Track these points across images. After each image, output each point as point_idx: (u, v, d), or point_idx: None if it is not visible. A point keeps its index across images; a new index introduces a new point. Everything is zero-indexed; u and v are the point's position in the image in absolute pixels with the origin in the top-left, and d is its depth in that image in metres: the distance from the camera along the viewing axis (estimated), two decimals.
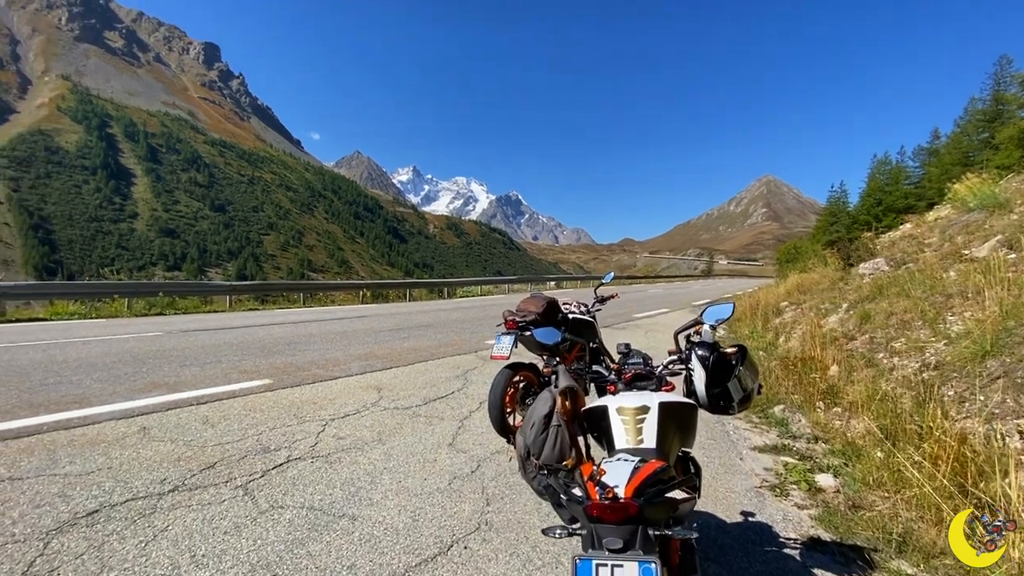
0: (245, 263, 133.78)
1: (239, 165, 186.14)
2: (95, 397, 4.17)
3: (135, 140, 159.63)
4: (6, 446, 3.14)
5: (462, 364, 6.31)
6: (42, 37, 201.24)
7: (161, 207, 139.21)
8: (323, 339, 7.73)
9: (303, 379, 5.20)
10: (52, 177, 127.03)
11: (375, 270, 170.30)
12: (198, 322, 9.27)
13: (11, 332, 7.57)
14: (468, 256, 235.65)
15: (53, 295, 9.54)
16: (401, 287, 19.44)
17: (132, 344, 6.49)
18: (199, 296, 11.82)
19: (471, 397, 4.84)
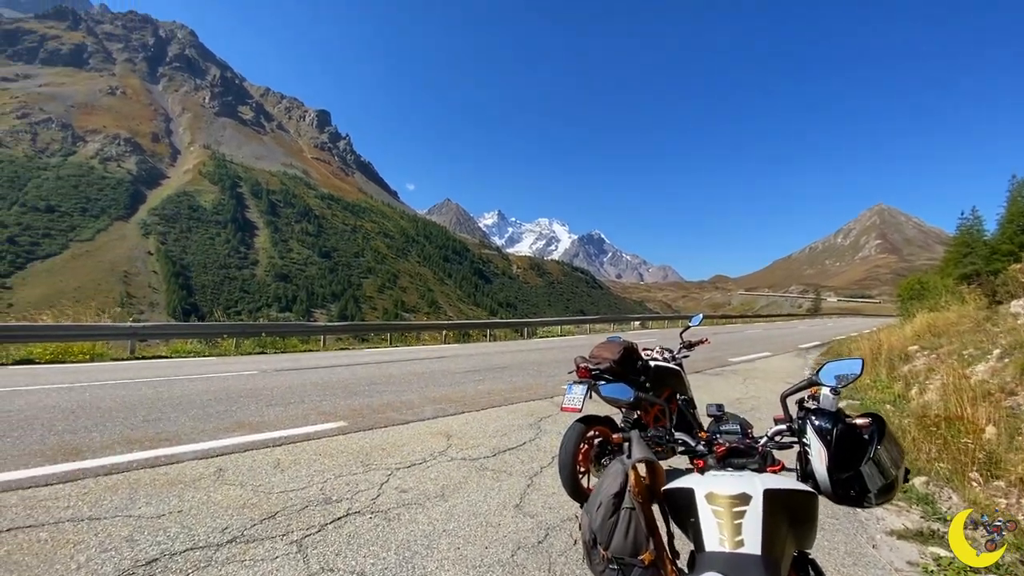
0: (346, 304, 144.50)
1: (343, 216, 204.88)
2: (185, 435, 4.39)
3: (259, 197, 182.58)
4: (96, 483, 3.31)
5: (536, 411, 5.97)
6: (189, 114, 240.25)
7: (277, 255, 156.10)
8: (402, 380, 7.78)
9: (376, 423, 5.15)
10: (192, 231, 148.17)
11: (461, 309, 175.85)
12: (292, 361, 9.84)
13: (135, 369, 8.48)
14: (551, 295, 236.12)
15: (174, 335, 10.71)
16: (483, 327, 19.61)
17: (230, 382, 6.94)
18: (298, 336, 12.70)
19: (543, 450, 4.47)
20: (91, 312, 10.41)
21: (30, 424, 4.52)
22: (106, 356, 9.66)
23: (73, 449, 3.91)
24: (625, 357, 3.48)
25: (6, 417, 4.75)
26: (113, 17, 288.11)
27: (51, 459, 3.69)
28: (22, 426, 4.45)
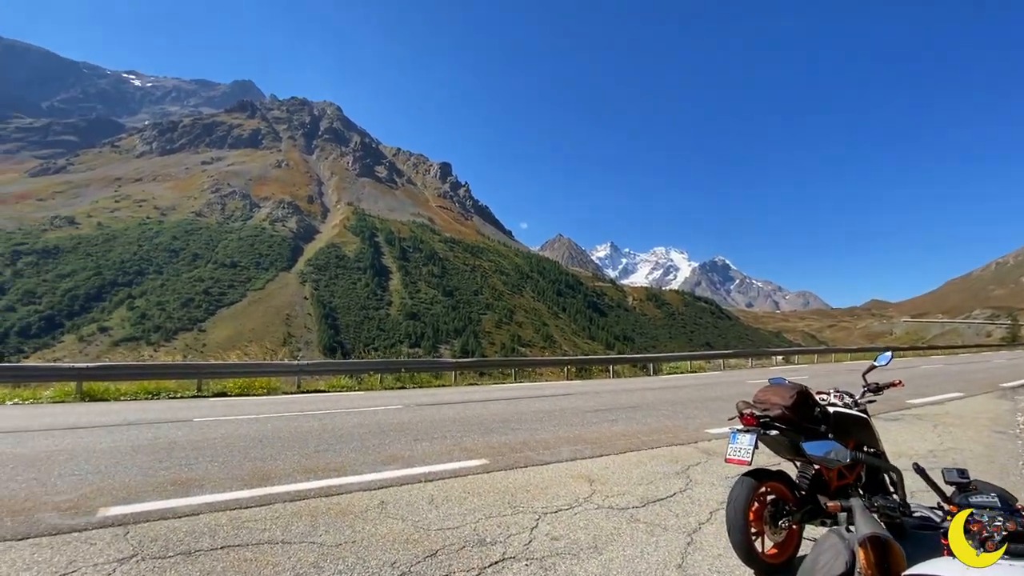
0: (467, 340, 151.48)
1: (464, 257, 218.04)
2: (349, 467, 4.79)
3: (392, 244, 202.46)
4: (284, 508, 3.72)
5: (681, 457, 5.52)
6: (336, 177, 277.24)
7: (407, 295, 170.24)
8: (533, 418, 7.78)
9: (516, 462, 5.16)
10: (339, 277, 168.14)
11: (576, 343, 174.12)
12: (429, 396, 10.43)
13: (301, 402, 9.62)
14: (671, 328, 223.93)
15: (329, 371, 12.05)
16: (604, 363, 19.11)
17: (380, 417, 7.53)
18: (431, 372, 13.52)
19: (698, 503, 4.07)
20: (264, 351, 12.20)
21: (230, 451, 5.30)
22: (279, 390, 11.15)
23: (264, 475, 4.47)
24: (800, 403, 3.07)
25: (212, 444, 5.63)
26: (280, 104, 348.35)
27: (248, 483, 4.25)
28: (225, 452, 5.23)
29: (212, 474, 4.46)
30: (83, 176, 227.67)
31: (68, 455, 5.01)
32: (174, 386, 10.19)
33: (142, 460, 4.86)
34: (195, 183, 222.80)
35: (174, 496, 3.88)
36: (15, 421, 6.98)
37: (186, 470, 4.55)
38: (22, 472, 4.40)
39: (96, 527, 3.28)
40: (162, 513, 3.53)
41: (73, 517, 3.42)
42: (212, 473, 4.48)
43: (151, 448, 5.35)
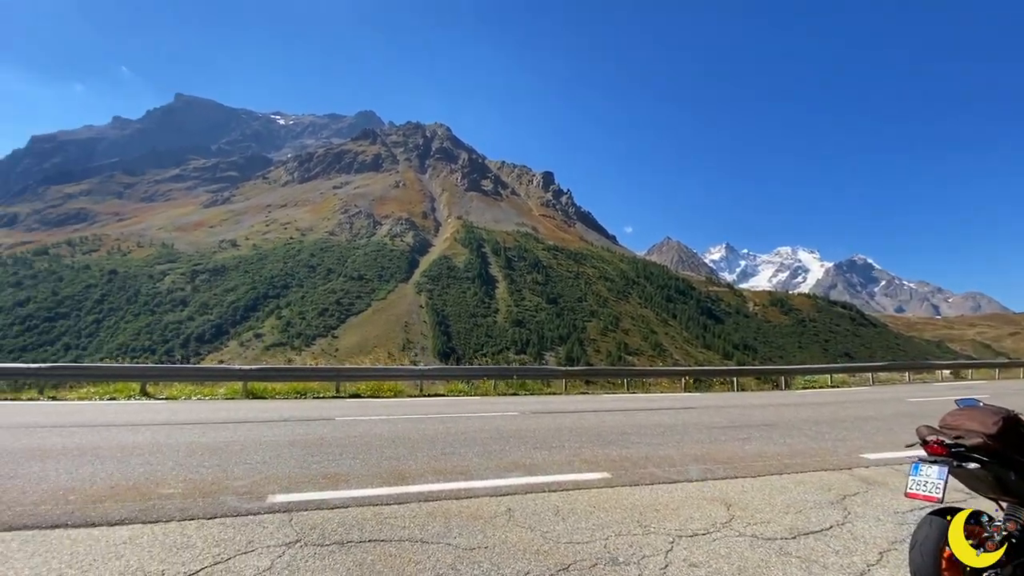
0: (572, 347, 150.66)
1: (567, 264, 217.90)
2: (475, 471, 4.94)
3: (498, 254, 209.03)
4: (419, 508, 3.92)
5: (833, 484, 4.87)
6: (447, 193, 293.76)
7: (513, 303, 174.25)
8: (653, 431, 7.43)
9: (640, 478, 4.94)
10: (450, 287, 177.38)
11: (689, 352, 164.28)
12: (542, 404, 10.47)
13: (425, 405, 10.21)
14: (801, 336, 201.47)
15: (448, 377, 12.68)
16: (727, 375, 17.72)
17: (498, 423, 7.71)
18: (541, 379, 13.60)
19: (862, 540, 3.54)
20: (387, 356, 13.23)
21: (368, 449, 5.76)
22: (404, 393, 11.99)
23: (399, 474, 4.78)
24: (1007, 430, 2.52)
25: (352, 441, 6.16)
26: (396, 129, 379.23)
27: (387, 481, 4.56)
28: (364, 450, 5.70)
29: (355, 470, 4.86)
30: (242, 205, 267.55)
31: (241, 446, 5.81)
32: (317, 387, 11.45)
33: (297, 453, 5.47)
34: (328, 206, 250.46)
35: (326, 489, 4.29)
36: (199, 414, 8.30)
37: (333, 465, 5.02)
38: (208, 459, 5.19)
39: (266, 512, 3.73)
40: (318, 504, 3.92)
41: (248, 501, 3.93)
42: (355, 469, 4.90)
43: (304, 443, 6.00)
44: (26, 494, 3.92)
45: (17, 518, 3.44)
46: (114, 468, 4.73)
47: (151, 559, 2.93)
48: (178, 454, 5.34)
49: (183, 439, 6.10)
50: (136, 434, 6.38)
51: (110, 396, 10.42)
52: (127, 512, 3.62)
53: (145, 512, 3.64)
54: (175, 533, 3.30)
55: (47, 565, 2.81)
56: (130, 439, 6.05)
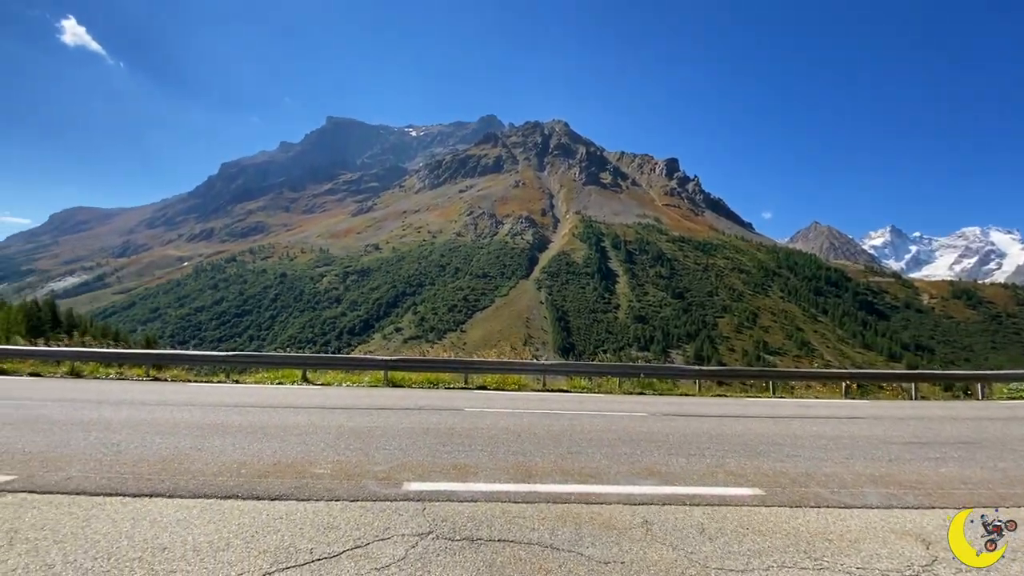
0: (701, 345, 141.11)
1: (695, 256, 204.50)
2: (604, 474, 4.62)
3: (618, 248, 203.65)
4: (548, 509, 3.72)
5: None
6: (565, 189, 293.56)
7: (635, 298, 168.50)
8: (812, 443, 6.39)
9: (802, 498, 4.19)
10: (569, 283, 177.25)
11: (844, 353, 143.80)
12: (674, 405, 9.73)
13: (549, 400, 10.09)
14: (995, 334, 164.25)
15: (571, 372, 12.45)
16: (900, 379, 14.90)
17: (626, 423, 7.27)
18: (671, 379, 12.70)
19: None
20: (508, 350, 13.48)
21: (495, 442, 5.75)
22: (527, 387, 12.03)
23: (526, 470, 4.65)
24: None
25: (480, 433, 6.22)
26: (516, 130, 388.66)
27: (514, 477, 4.46)
28: (491, 443, 5.70)
29: (483, 463, 4.85)
30: (383, 212, 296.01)
31: (381, 431, 6.19)
32: (448, 378, 12.01)
33: (430, 442, 5.65)
34: (455, 209, 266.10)
35: (455, 480, 4.31)
36: (347, 399, 9.14)
37: (463, 456, 5.08)
38: (353, 442, 5.58)
39: (402, 499, 3.83)
40: (448, 495, 3.94)
41: (386, 487, 4.08)
42: (483, 462, 4.88)
43: (435, 432, 6.20)
44: (209, 465, 4.53)
45: (200, 487, 3.96)
46: (277, 446, 5.31)
47: (302, 536, 3.13)
48: (328, 436, 5.84)
49: (333, 422, 6.70)
50: (296, 415, 7.17)
51: (279, 381, 12.03)
52: (285, 488, 3.98)
53: (299, 490, 3.96)
54: (323, 513, 3.52)
55: (219, 533, 3.14)
56: (291, 420, 6.80)
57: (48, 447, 5.00)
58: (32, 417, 6.50)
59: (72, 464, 4.44)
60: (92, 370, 12.94)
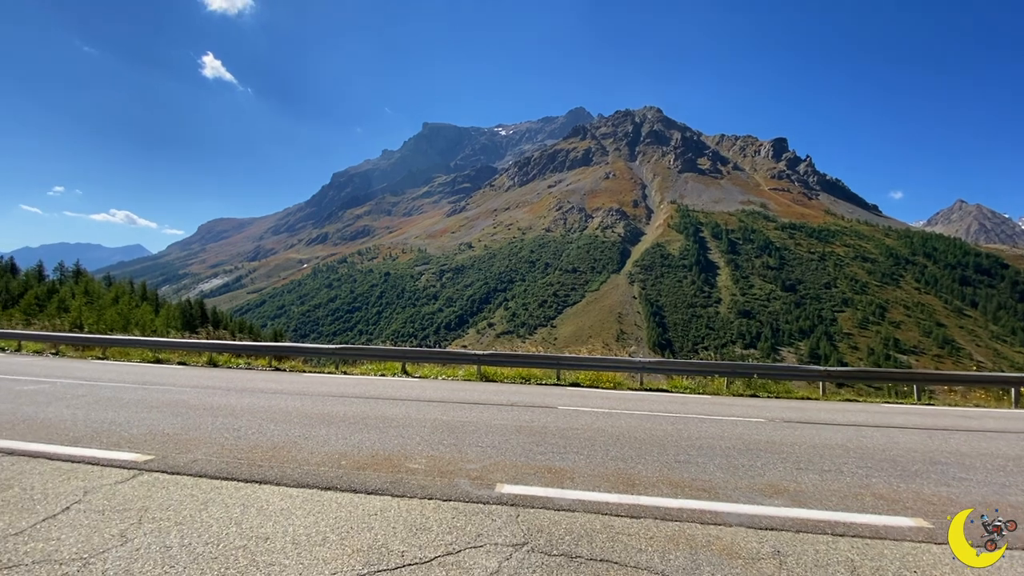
0: (817, 342, 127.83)
1: (808, 244, 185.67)
2: (720, 489, 4.05)
3: (719, 238, 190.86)
4: (656, 527, 3.29)
5: None
6: (659, 178, 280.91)
7: (739, 292, 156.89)
8: (985, 464, 5.21)
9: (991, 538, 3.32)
10: (664, 276, 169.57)
11: (1001, 352, 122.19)
12: (795, 411, 8.62)
13: (648, 400, 9.43)
14: None
15: (672, 371, 11.59)
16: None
17: (740, 429, 6.49)
18: (789, 380, 11.35)
19: None
20: (600, 346, 12.89)
21: (592, 445, 5.37)
22: (624, 385, 11.42)
23: (628, 479, 4.23)
24: None
25: (575, 434, 5.87)
26: (605, 120, 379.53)
27: (614, 485, 4.06)
28: (588, 446, 5.33)
29: (579, 468, 4.51)
30: (475, 212, 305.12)
31: (474, 427, 6.09)
32: (540, 374, 11.79)
33: (523, 441, 5.42)
34: (544, 205, 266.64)
35: (551, 485, 4.02)
36: (442, 393, 9.25)
37: (558, 459, 4.77)
38: (446, 437, 5.52)
39: (495, 502, 3.62)
40: (543, 502, 3.65)
41: (479, 488, 3.90)
42: (579, 467, 4.54)
43: (528, 430, 5.97)
44: (313, 455, 4.68)
45: (304, 476, 4.06)
46: (376, 438, 5.39)
47: (394, 537, 3.02)
48: (424, 429, 5.85)
49: (429, 415, 6.74)
50: (395, 407, 7.34)
51: (381, 373, 12.63)
52: (380, 482, 3.95)
53: (394, 484, 3.92)
54: (416, 512, 3.41)
55: (316, 526, 3.14)
56: (390, 412, 6.97)
57: (182, 429, 5.51)
58: (173, 401, 7.31)
59: (199, 447, 4.82)
60: (226, 360, 14.55)
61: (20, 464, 4.16)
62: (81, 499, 3.46)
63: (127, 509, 3.31)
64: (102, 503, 3.39)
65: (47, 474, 3.94)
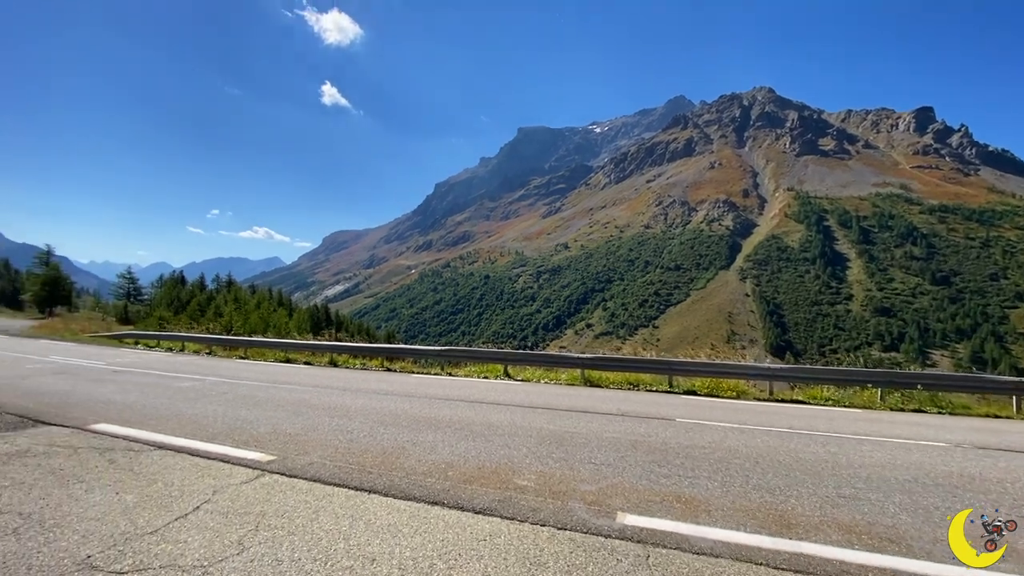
0: (982, 344, 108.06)
1: (965, 228, 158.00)
2: (912, 541, 3.14)
3: (848, 227, 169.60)
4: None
5: None
6: (772, 164, 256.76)
7: (875, 286, 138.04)
8: None
9: None
10: (782, 271, 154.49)
11: None
12: (985, 433, 6.95)
13: (784, 413, 8.22)
14: None
15: (808, 379, 10.08)
16: None
17: (918, 456, 5.27)
18: (968, 391, 9.28)
19: None
20: (708, 348, 11.62)
21: (726, 468, 4.62)
22: (748, 395, 10.17)
23: (780, 517, 3.48)
24: None
25: (703, 454, 5.14)
26: (708, 107, 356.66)
27: (763, 524, 3.35)
28: (720, 469, 4.59)
29: (715, 497, 3.83)
30: (570, 212, 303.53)
31: (584, 439, 5.61)
32: (649, 380, 10.93)
33: (642, 459, 4.83)
34: (642, 200, 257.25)
35: (682, 518, 3.42)
36: (547, 398, 8.89)
37: (687, 484, 4.13)
38: (555, 450, 5.11)
39: (617, 536, 3.12)
40: (677, 540, 3.08)
41: (597, 516, 3.42)
42: (714, 495, 3.87)
43: (647, 446, 5.35)
44: (420, 463, 4.52)
45: (411, 487, 3.88)
46: (482, 447, 5.15)
47: (506, 570, 2.67)
48: (530, 439, 5.51)
49: (534, 423, 6.40)
50: (499, 413, 7.11)
51: (484, 375, 12.63)
52: (488, 500, 3.64)
53: (503, 504, 3.59)
54: (528, 540, 3.03)
55: (423, 549, 2.88)
56: (494, 417, 6.74)
57: (302, 430, 5.73)
58: (296, 400, 7.76)
59: (316, 449, 4.92)
60: (344, 360, 15.58)
61: (167, 459, 4.50)
62: (210, 498, 3.57)
63: (247, 513, 3.33)
64: (227, 505, 3.47)
65: (186, 470, 4.20)
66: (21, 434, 5.08)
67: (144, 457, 4.50)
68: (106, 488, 3.67)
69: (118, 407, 6.74)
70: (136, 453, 4.61)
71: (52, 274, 46.25)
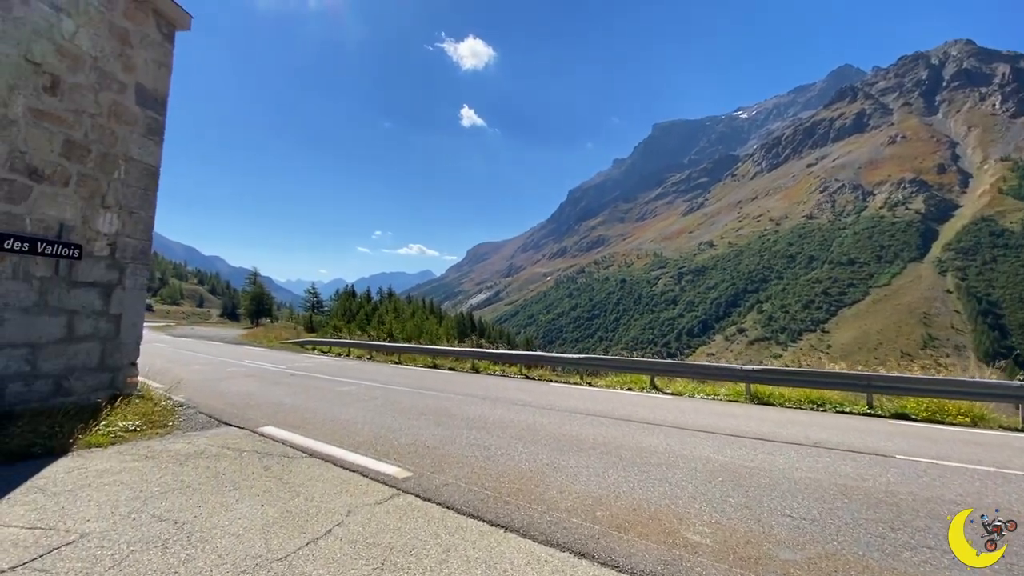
0: None
1: None
2: None
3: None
4: None
5: None
6: (977, 130, 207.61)
7: None
8: None
9: None
10: (997, 261, 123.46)
11: None
12: None
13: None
14: None
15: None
16: None
17: None
18: None
19: None
20: (897, 356, 8.92)
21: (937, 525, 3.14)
22: (989, 421, 7.65)
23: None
24: None
25: (955, 512, 3.63)
26: (883, 73, 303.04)
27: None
28: (924, 528, 3.13)
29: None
30: (714, 207, 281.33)
31: (769, 478, 4.44)
32: (839, 398, 8.86)
33: (860, 516, 3.55)
34: (802, 188, 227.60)
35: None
36: (706, 418, 7.63)
37: (946, 565, 2.82)
38: (731, 491, 4.06)
39: None
40: None
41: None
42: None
43: (863, 496, 4.00)
44: (563, 495, 3.87)
45: (553, 528, 3.25)
46: (635, 479, 4.32)
47: None
48: (695, 474, 4.52)
49: (697, 451, 5.36)
50: (651, 434, 6.18)
51: (627, 386, 11.61)
52: (651, 561, 2.84)
53: (670, 567, 2.76)
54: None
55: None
56: (646, 441, 5.83)
57: (440, 443, 5.50)
58: (438, 409, 7.72)
59: (452, 466, 4.59)
60: (485, 367, 15.79)
61: (313, 469, 4.52)
62: (343, 520, 3.36)
63: (375, 545, 3.02)
64: (357, 531, 3.21)
65: (328, 483, 4.12)
66: (204, 434, 5.64)
67: (294, 465, 4.58)
68: (254, 499, 3.69)
69: (286, 410, 7.32)
70: (288, 460, 4.73)
71: (257, 291, 56.47)
